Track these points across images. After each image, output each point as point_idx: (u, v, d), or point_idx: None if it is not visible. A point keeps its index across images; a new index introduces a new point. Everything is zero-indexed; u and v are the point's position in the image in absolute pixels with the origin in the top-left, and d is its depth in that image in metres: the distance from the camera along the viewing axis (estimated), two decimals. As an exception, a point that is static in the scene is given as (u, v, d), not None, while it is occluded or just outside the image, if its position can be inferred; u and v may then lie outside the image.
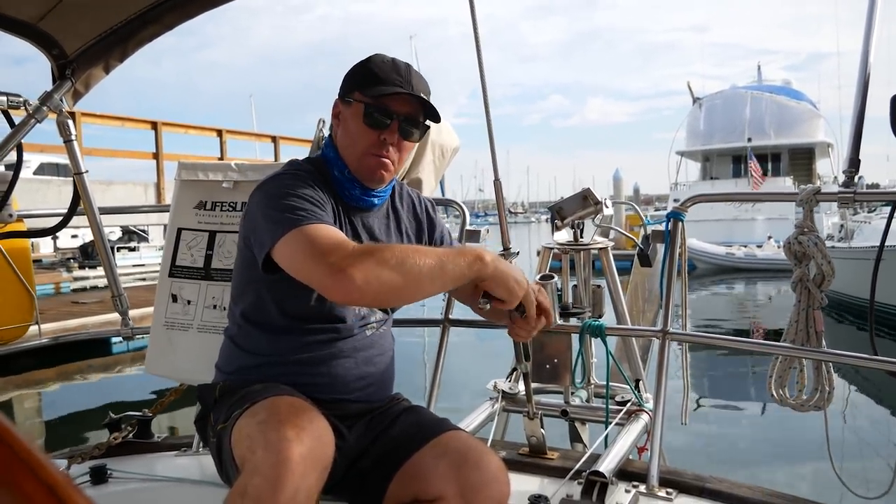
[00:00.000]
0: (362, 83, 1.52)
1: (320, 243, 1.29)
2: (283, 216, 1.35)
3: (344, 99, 1.55)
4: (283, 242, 1.33)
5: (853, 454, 5.26)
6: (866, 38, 1.91)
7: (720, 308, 15.91)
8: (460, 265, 1.33)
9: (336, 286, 1.25)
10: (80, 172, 2.32)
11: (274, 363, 1.51)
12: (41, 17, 1.98)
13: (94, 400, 7.97)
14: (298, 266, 1.32)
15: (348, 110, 1.55)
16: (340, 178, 1.55)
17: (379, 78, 1.51)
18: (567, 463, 1.87)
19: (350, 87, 1.55)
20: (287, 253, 1.33)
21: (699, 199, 2.21)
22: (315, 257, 1.28)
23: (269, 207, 1.40)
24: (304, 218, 1.34)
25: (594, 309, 2.24)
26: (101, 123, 11.94)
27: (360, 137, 1.52)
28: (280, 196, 1.40)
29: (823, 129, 27.67)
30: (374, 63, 1.54)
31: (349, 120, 1.54)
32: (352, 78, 1.56)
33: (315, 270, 1.28)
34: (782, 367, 1.98)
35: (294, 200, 1.38)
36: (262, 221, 1.40)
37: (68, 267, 17.37)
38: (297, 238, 1.32)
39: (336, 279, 1.24)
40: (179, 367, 2.08)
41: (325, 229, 1.34)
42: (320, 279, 1.28)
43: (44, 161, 17.05)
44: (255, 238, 1.43)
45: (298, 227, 1.33)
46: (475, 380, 2.68)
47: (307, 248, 1.30)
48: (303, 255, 1.30)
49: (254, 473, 1.17)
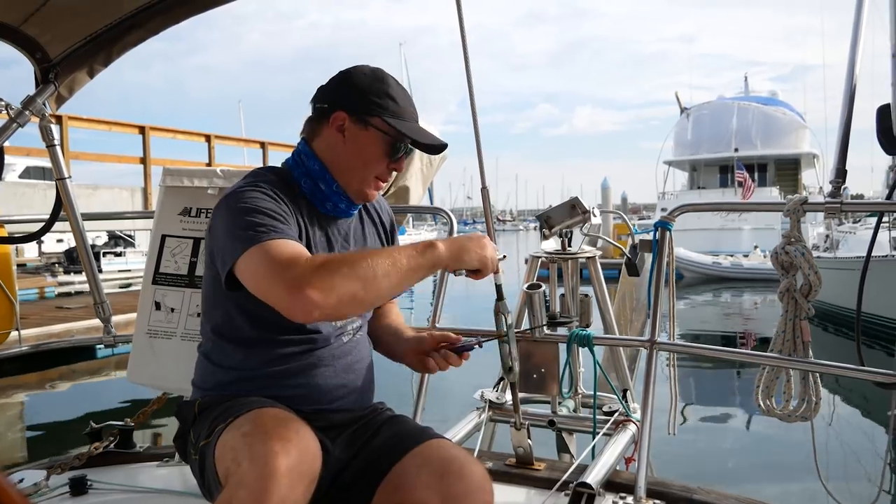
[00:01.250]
0: (385, 110, 1.49)
1: (276, 260, 1.26)
2: (245, 233, 1.32)
3: (359, 117, 1.49)
4: (243, 260, 1.30)
5: (840, 464, 5.28)
6: (852, 51, 1.93)
7: (707, 317, 15.98)
8: (413, 256, 1.32)
9: (295, 306, 1.23)
10: (63, 178, 2.29)
11: (250, 377, 1.48)
12: (24, 20, 1.96)
13: (76, 406, 7.87)
14: (257, 286, 1.30)
15: (362, 132, 1.49)
16: (327, 191, 1.52)
17: (403, 109, 1.51)
18: (554, 474, 1.85)
19: (368, 108, 1.49)
20: (246, 272, 1.31)
21: (687, 208, 2.22)
22: (271, 277, 1.25)
23: (229, 224, 1.37)
24: (262, 234, 1.31)
25: (582, 318, 2.24)
26: (88, 127, 11.87)
27: (374, 164, 1.51)
28: (241, 211, 1.36)
29: (809, 140, 27.98)
30: (393, 89, 1.51)
31: (364, 144, 1.50)
32: (368, 97, 1.50)
33: (273, 292, 1.26)
34: (769, 378, 1.98)
35: (254, 216, 1.34)
36: (224, 238, 1.37)
37: (53, 272, 17.19)
38: (256, 255, 1.28)
39: (294, 298, 1.22)
40: (162, 375, 2.05)
41: (282, 246, 1.30)
42: (279, 300, 1.25)
43: (29, 164, 16.89)
44: (219, 255, 1.40)
45: (258, 243, 1.29)
46: (462, 388, 2.66)
47: (264, 266, 1.27)
48: (260, 275, 1.28)
49: (239, 486, 1.15)
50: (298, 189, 1.52)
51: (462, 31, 2.18)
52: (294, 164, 1.55)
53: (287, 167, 1.56)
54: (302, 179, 1.53)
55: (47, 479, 1.91)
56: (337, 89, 1.53)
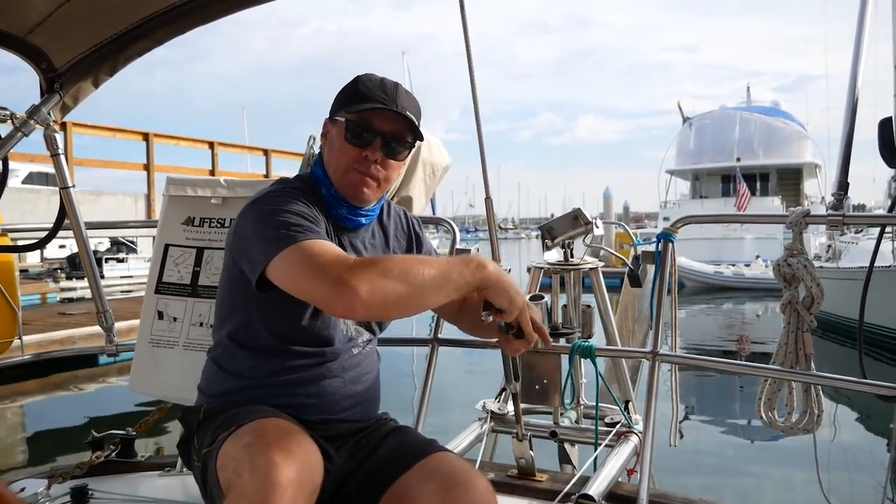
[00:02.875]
0: (347, 101, 1.53)
1: (320, 258, 1.27)
2: (279, 233, 1.33)
3: (331, 118, 1.56)
4: (280, 259, 1.31)
5: (842, 477, 5.25)
6: (854, 63, 1.93)
7: (708, 327, 15.94)
8: (464, 273, 1.32)
9: (339, 299, 1.22)
10: (67, 187, 2.29)
11: (260, 385, 1.49)
12: (30, 30, 1.97)
13: (78, 413, 7.85)
14: (297, 282, 1.30)
15: (334, 128, 1.55)
16: (328, 196, 1.54)
17: (364, 96, 1.51)
18: (556, 485, 1.85)
19: (336, 106, 1.56)
20: (284, 269, 1.31)
21: (690, 220, 2.22)
22: (315, 272, 1.26)
23: (261, 225, 1.38)
24: (299, 234, 1.33)
25: (584, 329, 2.23)
26: (92, 134, 11.92)
27: (343, 154, 1.52)
28: (273, 213, 1.38)
29: (811, 150, 27.98)
30: (361, 82, 1.54)
31: (334, 138, 1.54)
32: (339, 97, 1.56)
33: (316, 285, 1.26)
34: (771, 390, 1.98)
35: (288, 216, 1.37)
36: (254, 239, 1.38)
37: (55, 277, 17.18)
38: (295, 254, 1.30)
39: (339, 292, 1.21)
40: (165, 385, 2.06)
41: (322, 244, 1.32)
42: (323, 293, 1.25)
43: (33, 170, 16.93)
44: (247, 256, 1.40)
45: (295, 243, 1.31)
46: (464, 398, 2.66)
47: (306, 263, 1.28)
48: (302, 271, 1.28)
49: (240, 498, 1.15)
50: (321, 196, 1.54)
51: (466, 39, 2.18)
52: (312, 173, 1.60)
53: (311, 176, 1.60)
54: (320, 187, 1.56)
55: (48, 489, 1.91)
56: None
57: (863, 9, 1.97)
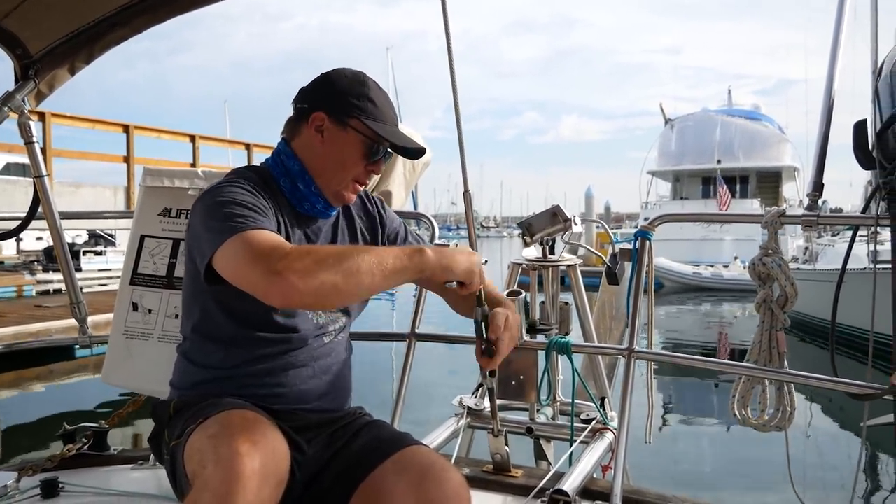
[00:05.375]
0: (364, 112, 1.51)
1: (257, 247, 1.27)
2: (224, 224, 1.32)
3: (338, 117, 1.51)
4: (222, 250, 1.30)
5: (814, 473, 5.34)
6: (831, 65, 1.96)
7: (686, 326, 16.10)
8: (400, 258, 1.32)
9: (273, 289, 1.23)
10: (41, 175, 2.26)
11: (229, 376, 1.48)
12: (5, 14, 1.94)
13: (51, 407, 7.76)
14: (236, 273, 1.30)
15: (341, 133, 1.51)
16: (305, 191, 1.53)
17: (383, 113, 1.52)
18: (531, 481, 1.85)
19: (346, 109, 1.51)
20: (225, 261, 1.31)
21: (666, 218, 2.23)
22: (250, 261, 1.26)
23: (208, 217, 1.38)
24: (241, 224, 1.32)
25: (561, 326, 2.24)
26: (71, 125, 11.73)
27: (352, 167, 1.52)
28: (220, 205, 1.37)
29: (790, 154, 28.26)
30: (373, 92, 1.53)
31: (342, 145, 1.51)
32: (347, 98, 1.52)
33: (251, 275, 1.26)
34: (745, 388, 2.00)
35: (233, 208, 1.36)
36: (202, 231, 1.38)
37: (31, 270, 16.96)
38: (235, 244, 1.29)
39: (272, 282, 1.22)
40: (138, 377, 2.03)
41: (262, 234, 1.31)
42: (257, 283, 1.25)
43: (10, 161, 16.67)
44: (198, 249, 1.40)
45: (236, 233, 1.30)
46: (440, 394, 2.66)
47: (244, 253, 1.27)
48: (239, 262, 1.28)
49: (203, 489, 1.14)
50: (278, 188, 1.53)
51: (447, 35, 2.18)
52: (273, 163, 1.57)
53: (266, 166, 1.57)
54: (281, 179, 1.54)
55: (18, 482, 1.88)
56: (317, 90, 1.55)
57: (840, 12, 1.99)
